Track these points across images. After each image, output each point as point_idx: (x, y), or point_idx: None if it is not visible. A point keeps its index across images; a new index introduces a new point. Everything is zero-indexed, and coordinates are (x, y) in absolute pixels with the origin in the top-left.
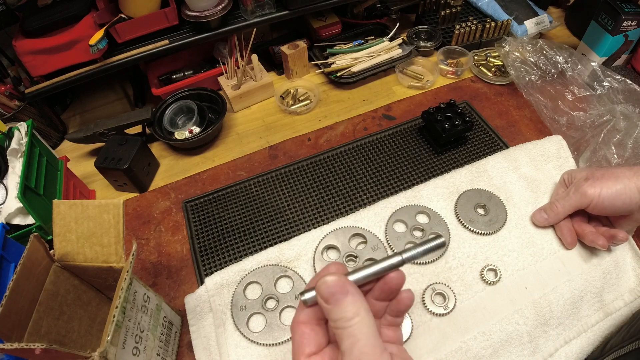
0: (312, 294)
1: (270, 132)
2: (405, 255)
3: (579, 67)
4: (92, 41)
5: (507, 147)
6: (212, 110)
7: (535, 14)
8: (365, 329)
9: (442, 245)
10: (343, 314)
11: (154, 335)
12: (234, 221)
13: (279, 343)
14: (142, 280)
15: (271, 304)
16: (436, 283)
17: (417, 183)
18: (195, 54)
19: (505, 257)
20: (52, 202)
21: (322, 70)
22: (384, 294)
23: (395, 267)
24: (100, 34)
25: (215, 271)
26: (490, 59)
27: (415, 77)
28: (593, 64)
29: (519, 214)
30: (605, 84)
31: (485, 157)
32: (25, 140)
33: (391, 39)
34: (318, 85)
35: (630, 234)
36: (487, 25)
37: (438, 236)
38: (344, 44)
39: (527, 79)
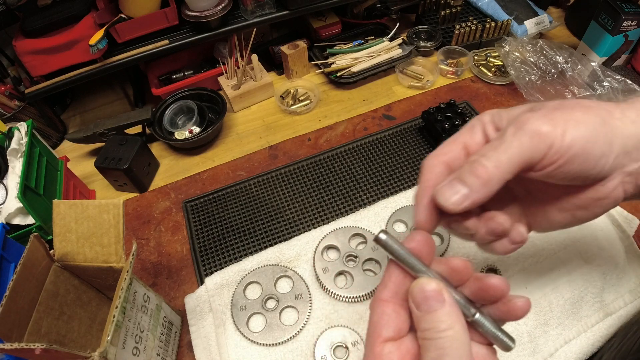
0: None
1: (270, 132)
2: (476, 316)
3: (579, 67)
4: (92, 41)
5: None
6: (212, 110)
7: (535, 14)
8: (457, 345)
9: (509, 349)
10: (434, 325)
11: (154, 335)
12: (234, 221)
13: (279, 343)
14: (142, 280)
15: (271, 304)
16: None
17: (417, 183)
18: (195, 54)
19: (505, 257)
20: (52, 202)
21: (322, 70)
22: (483, 292)
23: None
24: (100, 34)
25: (215, 271)
26: (490, 59)
27: (415, 77)
28: (593, 64)
29: None
30: (605, 84)
31: None
32: (25, 140)
33: (391, 39)
34: (318, 85)
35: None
36: (487, 25)
37: (510, 338)
38: (344, 44)
39: (527, 79)
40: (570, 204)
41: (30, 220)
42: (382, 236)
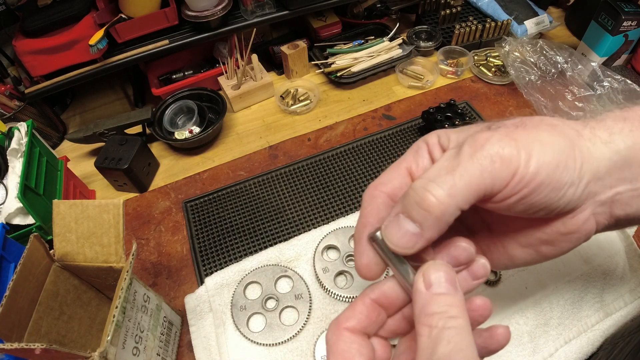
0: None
1: (270, 132)
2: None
3: (579, 67)
4: (92, 41)
5: None
6: (212, 110)
7: (535, 14)
8: (468, 340)
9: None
10: (444, 309)
11: (154, 335)
12: (234, 221)
13: (279, 343)
14: (142, 280)
15: (271, 304)
16: None
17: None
18: (195, 54)
19: None
20: (52, 202)
21: (322, 70)
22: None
23: None
24: (100, 34)
25: (215, 271)
26: (490, 59)
27: (415, 77)
28: (593, 64)
29: None
30: (605, 84)
31: None
32: (25, 140)
33: (391, 39)
34: (318, 85)
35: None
36: (487, 25)
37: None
38: (344, 44)
39: (527, 79)
40: (533, 238)
41: (30, 220)
42: (379, 235)
